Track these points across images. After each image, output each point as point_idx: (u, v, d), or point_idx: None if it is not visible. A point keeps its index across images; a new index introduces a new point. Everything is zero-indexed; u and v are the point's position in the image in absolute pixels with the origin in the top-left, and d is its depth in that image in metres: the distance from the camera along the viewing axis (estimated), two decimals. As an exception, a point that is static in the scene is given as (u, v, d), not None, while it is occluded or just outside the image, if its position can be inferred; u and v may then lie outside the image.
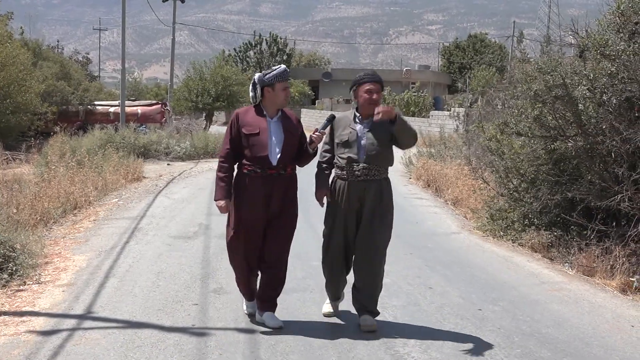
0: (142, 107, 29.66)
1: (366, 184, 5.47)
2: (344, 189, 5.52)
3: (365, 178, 5.47)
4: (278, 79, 5.45)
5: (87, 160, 14.34)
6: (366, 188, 5.47)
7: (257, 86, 5.46)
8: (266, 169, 5.40)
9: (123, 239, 8.87)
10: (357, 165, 5.47)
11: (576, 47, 8.88)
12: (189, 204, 12.20)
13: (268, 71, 5.52)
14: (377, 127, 5.48)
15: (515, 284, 7.24)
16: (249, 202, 5.42)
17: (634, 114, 7.51)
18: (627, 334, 5.70)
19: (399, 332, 5.46)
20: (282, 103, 5.53)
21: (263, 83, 5.44)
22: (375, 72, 5.77)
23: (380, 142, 5.49)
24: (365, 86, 5.54)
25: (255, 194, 5.41)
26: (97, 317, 5.69)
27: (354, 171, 5.47)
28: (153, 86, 69.50)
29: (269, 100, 5.48)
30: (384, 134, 5.49)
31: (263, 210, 5.43)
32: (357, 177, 5.47)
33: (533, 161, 8.96)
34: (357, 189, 5.48)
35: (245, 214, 5.45)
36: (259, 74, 5.53)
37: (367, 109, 5.52)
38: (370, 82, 5.56)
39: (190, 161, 21.45)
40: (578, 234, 8.24)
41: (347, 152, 5.51)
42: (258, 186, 5.40)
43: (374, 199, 5.47)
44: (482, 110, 15.79)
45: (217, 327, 5.49)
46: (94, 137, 20.19)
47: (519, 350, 5.19)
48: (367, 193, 5.47)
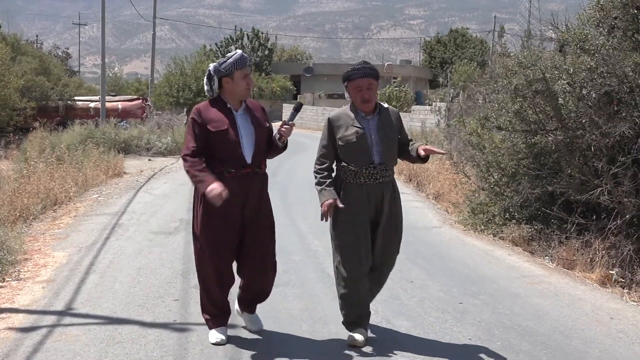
0: (123, 102, 29.47)
1: (384, 186, 5.04)
2: (365, 193, 4.99)
3: (384, 180, 5.02)
4: (236, 67, 4.83)
5: (67, 156, 14.24)
6: (384, 191, 5.04)
7: (214, 78, 4.86)
8: (241, 168, 4.86)
9: (103, 234, 8.82)
10: (373, 166, 4.96)
11: (556, 42, 8.95)
12: (170, 199, 12.16)
13: (223, 59, 4.90)
14: (384, 123, 5.05)
15: (495, 277, 7.29)
16: (223, 206, 4.73)
17: (613, 108, 7.56)
18: (606, 326, 5.75)
19: (379, 326, 5.48)
20: (244, 93, 4.96)
21: (220, 73, 4.85)
22: (366, 63, 5.10)
23: (391, 140, 5.06)
24: (355, 82, 4.97)
25: (233, 195, 4.76)
26: (77, 314, 5.66)
27: (372, 173, 4.96)
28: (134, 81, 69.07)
29: (229, 92, 4.90)
30: (392, 130, 5.08)
31: (239, 214, 4.91)
32: (375, 180, 4.98)
33: (514, 155, 9.01)
34: (377, 192, 5.01)
35: (218, 221, 4.85)
36: (213, 64, 4.93)
37: (363, 107, 5.02)
38: (360, 77, 4.95)
39: (171, 157, 21.35)
40: (558, 227, 8.30)
41: (358, 153, 4.96)
42: (234, 188, 4.77)
43: (389, 202, 5.07)
44: (463, 104, 15.87)
45: (199, 322, 5.46)
46: (74, 133, 20.09)
47: (499, 343, 5.23)
48: (385, 196, 5.04)
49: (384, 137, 5.01)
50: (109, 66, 75.67)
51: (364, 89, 4.96)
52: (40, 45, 56.48)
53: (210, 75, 4.88)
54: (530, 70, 8.06)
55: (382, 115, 5.08)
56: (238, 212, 4.90)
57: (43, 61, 30.65)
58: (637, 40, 7.38)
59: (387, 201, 5.05)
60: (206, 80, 4.93)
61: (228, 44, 62.39)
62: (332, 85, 53.96)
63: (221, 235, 4.91)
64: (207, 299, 5.10)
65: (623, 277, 7.09)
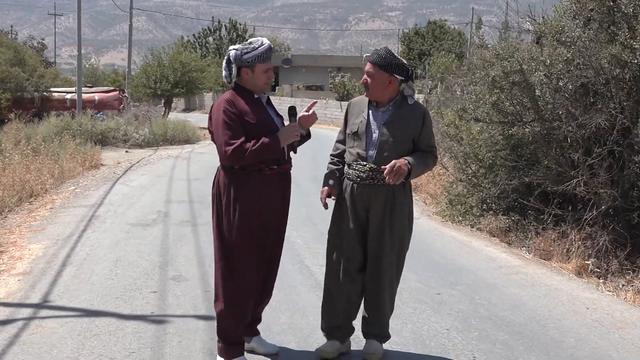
0: (100, 93, 29.18)
1: (373, 190, 4.47)
2: (350, 192, 4.57)
3: (372, 182, 4.45)
4: (260, 59, 4.36)
5: (43, 148, 14.11)
6: (373, 195, 4.47)
7: (233, 65, 4.37)
8: (282, 164, 4.44)
9: (80, 227, 8.76)
10: (363, 165, 4.48)
11: (533, 34, 9.00)
12: (148, 191, 12.09)
13: (247, 48, 4.37)
14: (397, 119, 4.48)
15: (473, 268, 7.33)
16: (265, 206, 4.36)
17: (589, 100, 7.62)
18: (582, 316, 5.81)
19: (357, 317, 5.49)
20: (263, 88, 4.49)
21: (240, 63, 4.35)
22: (384, 51, 4.53)
23: (399, 140, 4.45)
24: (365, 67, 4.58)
25: (272, 195, 4.40)
26: (53, 306, 5.62)
27: (360, 172, 4.49)
28: (111, 72, 68.64)
29: (248, 83, 4.42)
30: (406, 131, 4.47)
31: (278, 215, 4.51)
32: (362, 180, 4.48)
33: (491, 147, 9.06)
34: (362, 195, 4.51)
35: (258, 222, 4.35)
36: (235, 50, 4.38)
37: (367, 94, 4.62)
38: (368, 62, 4.53)
39: (149, 148, 21.24)
40: (535, 218, 8.37)
41: (356, 146, 4.56)
42: (276, 186, 4.41)
43: (382, 210, 4.47)
44: (441, 96, 15.92)
45: (176, 314, 5.46)
46: (50, 124, 19.93)
47: (476, 333, 5.26)
48: (373, 202, 4.48)
49: (390, 135, 4.46)
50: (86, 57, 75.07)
51: (364, 74, 4.56)
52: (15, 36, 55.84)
53: (230, 62, 4.38)
54: (508, 62, 8.11)
55: (400, 110, 4.51)
56: (275, 214, 4.48)
57: (18, 52, 30.26)
58: (613, 32, 7.43)
59: (378, 209, 4.48)
60: (225, 65, 4.43)
61: (206, 35, 62.25)
62: (311, 76, 53.94)
63: (260, 238, 4.41)
64: (234, 319, 4.41)
65: (599, 267, 7.17)
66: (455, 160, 10.32)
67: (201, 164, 16.59)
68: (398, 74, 4.43)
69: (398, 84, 4.49)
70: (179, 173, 14.79)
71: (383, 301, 4.61)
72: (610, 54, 7.19)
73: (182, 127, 24.63)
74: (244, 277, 4.37)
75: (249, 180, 4.32)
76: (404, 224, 4.57)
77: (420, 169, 4.50)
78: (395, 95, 4.53)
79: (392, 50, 4.56)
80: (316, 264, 7.17)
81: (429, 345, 4.90)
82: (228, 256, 4.37)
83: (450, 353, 4.85)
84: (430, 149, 4.59)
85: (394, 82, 4.46)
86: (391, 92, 4.50)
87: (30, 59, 31.03)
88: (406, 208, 4.57)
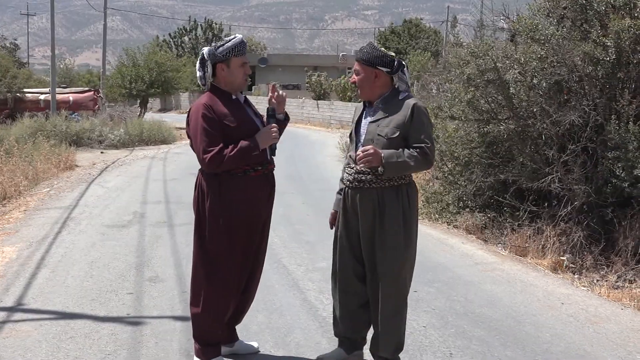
0: (74, 94, 28.93)
1: (360, 192, 4.24)
2: (343, 197, 4.40)
3: (357, 185, 4.24)
4: (235, 52, 4.24)
5: (16, 150, 14.00)
6: (360, 199, 4.25)
7: (207, 63, 4.23)
8: (266, 165, 4.35)
9: (55, 229, 8.69)
10: (352, 167, 4.29)
11: (508, 32, 9.07)
12: (123, 192, 12.01)
13: (220, 43, 4.29)
14: (384, 117, 4.23)
15: (449, 265, 7.37)
16: (250, 208, 4.28)
17: (563, 97, 7.69)
18: (557, 311, 5.86)
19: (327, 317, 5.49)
20: (241, 83, 4.35)
21: (215, 58, 4.22)
22: (367, 46, 4.41)
23: (385, 137, 4.16)
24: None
25: (257, 197, 4.33)
26: (28, 309, 5.57)
27: (349, 175, 4.30)
28: (85, 73, 68.12)
29: (225, 81, 4.29)
30: (393, 127, 4.17)
31: (262, 217, 4.44)
32: (351, 183, 4.28)
33: (467, 144, 9.11)
34: (353, 199, 4.30)
35: (243, 224, 4.27)
36: (208, 47, 4.29)
37: (359, 95, 4.46)
38: (355, 61, 4.40)
39: (124, 149, 21.10)
40: (511, 215, 8.43)
41: (350, 149, 4.42)
42: (261, 188, 4.34)
43: (371, 214, 4.21)
44: (417, 94, 15.96)
45: (153, 315, 5.44)
46: (24, 126, 19.73)
47: (452, 329, 5.29)
48: (361, 205, 4.25)
49: (375, 133, 4.22)
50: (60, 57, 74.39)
51: (354, 72, 4.39)
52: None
53: (204, 60, 4.25)
54: (482, 60, 8.15)
55: (387, 106, 4.28)
56: (260, 216, 4.40)
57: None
58: (586, 29, 7.51)
59: (367, 213, 4.24)
60: (199, 66, 4.29)
61: (181, 35, 61.96)
62: (287, 75, 53.84)
63: (245, 241, 4.33)
64: (212, 323, 4.35)
65: (573, 262, 7.24)
66: (431, 158, 10.36)
67: (177, 164, 16.53)
68: (382, 66, 4.23)
69: (387, 77, 4.29)
70: (155, 174, 14.72)
71: (386, 314, 4.26)
72: (583, 51, 7.26)
73: (158, 127, 24.49)
74: (225, 282, 4.30)
75: (233, 183, 4.21)
76: (398, 230, 4.18)
77: (395, 164, 4.06)
78: (386, 91, 4.32)
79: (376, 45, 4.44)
80: (293, 263, 7.17)
81: (406, 343, 4.90)
82: (210, 261, 4.28)
83: (427, 350, 4.88)
84: (419, 144, 4.13)
85: (380, 75, 4.26)
86: (381, 88, 4.31)
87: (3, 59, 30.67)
88: (399, 213, 4.18)
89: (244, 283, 4.50)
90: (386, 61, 4.26)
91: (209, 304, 4.30)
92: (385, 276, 4.22)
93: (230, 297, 4.38)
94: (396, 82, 4.33)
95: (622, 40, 7.02)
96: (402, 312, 4.34)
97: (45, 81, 40.26)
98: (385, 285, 4.23)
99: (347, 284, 4.43)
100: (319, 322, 5.35)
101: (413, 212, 4.28)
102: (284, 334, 5.12)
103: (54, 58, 26.54)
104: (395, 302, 4.27)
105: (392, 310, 4.27)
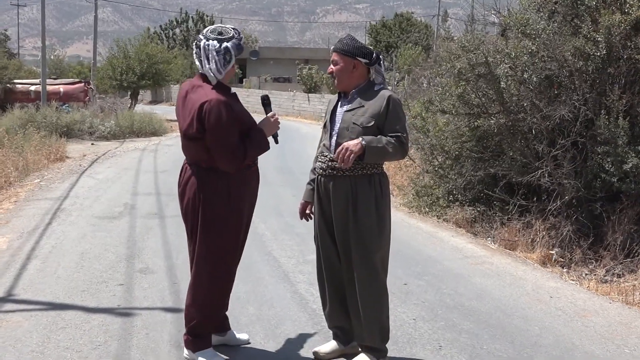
0: (65, 85, 28.80)
1: (333, 181, 4.26)
2: (317, 186, 4.41)
3: (331, 173, 4.25)
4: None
5: (6, 140, 13.95)
6: (333, 187, 4.25)
7: (232, 57, 4.18)
8: (257, 161, 4.43)
9: (45, 220, 8.66)
10: (325, 156, 4.31)
11: (499, 26, 9.09)
12: (114, 183, 11.98)
13: (231, 34, 4.21)
14: (359, 106, 4.23)
15: (439, 258, 7.39)
16: (249, 204, 4.37)
17: (553, 92, 7.71)
18: (546, 304, 5.88)
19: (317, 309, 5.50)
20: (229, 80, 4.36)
21: (240, 51, 4.22)
22: (347, 38, 4.39)
23: (360, 126, 4.16)
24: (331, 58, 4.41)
25: (255, 189, 4.42)
26: (18, 300, 5.55)
27: (322, 164, 4.33)
28: (76, 64, 67.83)
29: (227, 75, 4.26)
30: (368, 117, 4.18)
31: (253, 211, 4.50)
32: (324, 171, 4.30)
33: (457, 138, 9.12)
34: (326, 187, 4.31)
35: (242, 221, 4.34)
36: (231, 41, 4.17)
37: (336, 85, 4.42)
38: (333, 52, 4.35)
39: (115, 141, 21.05)
40: (500, 209, 8.45)
41: (323, 138, 4.43)
42: (255, 183, 4.39)
43: (345, 202, 4.21)
44: (408, 88, 15.99)
45: (143, 306, 5.43)
46: (14, 117, 19.65)
47: (442, 322, 5.31)
48: (334, 194, 4.25)
49: (350, 121, 4.22)
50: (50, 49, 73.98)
51: (332, 62, 4.35)
52: (-23, 27, 54.91)
53: (230, 54, 4.16)
54: (473, 54, 8.16)
55: (363, 96, 4.27)
56: (252, 210, 4.48)
57: (-20, 43, 29.78)
58: (577, 25, 7.52)
59: (340, 201, 4.24)
60: (219, 59, 4.16)
61: (173, 27, 61.78)
62: (278, 68, 53.82)
63: (241, 236, 4.38)
64: (210, 314, 4.38)
65: (562, 256, 7.27)
66: (421, 152, 10.37)
67: (168, 156, 16.49)
68: (361, 57, 4.23)
69: (364, 69, 4.29)
70: (146, 165, 14.69)
71: (365, 300, 4.24)
72: (573, 46, 7.27)
73: (149, 119, 24.43)
74: (229, 277, 4.36)
75: (240, 179, 4.22)
76: (371, 217, 4.17)
77: (376, 148, 4.06)
78: (362, 82, 4.31)
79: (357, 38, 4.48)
80: (284, 255, 7.18)
81: (396, 335, 4.93)
82: (217, 259, 4.26)
83: (417, 342, 4.88)
84: (395, 134, 4.14)
85: (359, 66, 4.26)
86: (358, 79, 4.30)
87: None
88: (371, 200, 4.19)
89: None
90: (365, 52, 4.28)
91: (210, 299, 4.32)
92: (359, 261, 4.22)
93: (228, 293, 4.45)
94: (372, 75, 4.35)
95: (612, 36, 7.03)
96: (382, 299, 4.32)
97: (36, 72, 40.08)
98: (359, 271, 4.22)
99: (332, 271, 4.42)
100: (309, 314, 5.36)
101: (385, 200, 4.29)
102: (275, 325, 5.12)
103: (45, 49, 26.40)
104: (372, 288, 4.25)
105: (370, 296, 4.26)
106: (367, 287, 4.24)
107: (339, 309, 4.47)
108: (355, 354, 4.45)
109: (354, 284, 4.27)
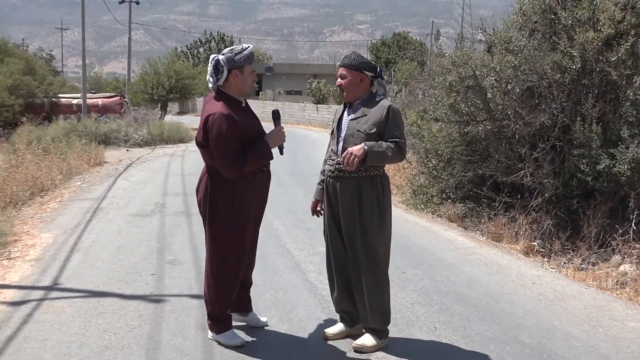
0: (103, 99, 28.88)
1: (340, 181, 4.27)
2: (325, 186, 4.43)
3: (338, 175, 4.27)
4: (248, 61, 4.16)
5: (52, 148, 13.98)
6: (340, 187, 4.26)
7: (224, 68, 4.10)
8: (268, 165, 4.35)
9: (86, 217, 8.67)
10: (333, 160, 4.33)
11: (485, 43, 9.02)
12: (146, 185, 11.99)
13: (236, 50, 4.15)
14: (363, 114, 4.25)
15: (434, 249, 7.36)
16: (259, 203, 4.34)
17: (534, 101, 7.67)
18: (529, 290, 5.85)
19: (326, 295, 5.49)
20: (249, 89, 4.27)
21: (233, 64, 4.10)
22: (353, 54, 4.42)
23: (363, 132, 4.17)
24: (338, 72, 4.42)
25: (263, 193, 4.36)
26: (63, 288, 5.56)
27: (330, 167, 4.35)
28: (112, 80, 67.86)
29: (235, 87, 4.16)
30: (370, 124, 4.19)
31: (263, 209, 4.48)
32: (332, 173, 4.32)
33: (449, 143, 9.08)
34: (334, 187, 4.32)
35: (249, 220, 4.27)
36: (223, 55, 4.14)
37: (343, 97, 4.41)
38: (341, 67, 4.36)
39: (147, 147, 21.06)
40: (488, 205, 8.41)
41: (331, 143, 4.42)
42: (264, 185, 4.33)
43: (350, 200, 4.22)
44: (405, 99, 15.96)
45: (172, 294, 5.43)
46: (59, 127, 19.69)
47: (437, 306, 5.29)
48: (341, 193, 4.26)
49: (355, 128, 4.23)
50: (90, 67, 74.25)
51: (339, 76, 4.37)
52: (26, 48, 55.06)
53: (219, 65, 4.11)
54: (463, 69, 8.13)
55: (366, 105, 4.28)
56: (262, 210, 4.46)
57: (29, 62, 29.79)
58: (554, 41, 7.48)
59: (346, 199, 4.24)
60: (212, 71, 4.14)
61: (197, 46, 61.87)
62: (290, 82, 53.78)
63: (250, 234, 4.34)
64: (224, 306, 4.36)
65: (543, 247, 7.24)
66: (417, 155, 10.34)
67: (194, 160, 16.47)
68: (367, 70, 4.28)
69: (368, 82, 4.32)
70: (174, 169, 14.70)
71: (369, 287, 4.25)
72: (552, 60, 7.24)
73: (177, 128, 24.45)
74: (235, 275, 4.32)
75: (245, 186, 4.15)
76: (373, 214, 4.19)
77: (377, 153, 4.07)
78: (365, 94, 4.33)
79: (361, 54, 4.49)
80: (296, 247, 7.17)
81: (396, 318, 4.91)
82: (222, 258, 4.24)
83: (414, 324, 4.87)
84: (394, 140, 4.15)
85: (365, 79, 4.29)
86: (362, 91, 4.32)
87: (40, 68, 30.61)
88: (373, 199, 4.20)
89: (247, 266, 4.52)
90: (371, 67, 4.32)
91: (219, 292, 4.31)
92: (364, 253, 4.23)
93: (237, 286, 4.39)
94: (375, 87, 4.38)
95: (586, 51, 7.00)
96: (384, 287, 4.33)
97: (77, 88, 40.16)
98: (364, 262, 4.23)
99: (340, 261, 4.41)
100: (318, 300, 5.35)
101: (386, 199, 4.30)
102: (289, 310, 5.11)
103: (85, 67, 26.49)
104: (375, 276, 4.26)
105: (374, 283, 4.26)
106: (371, 275, 4.26)
107: (345, 295, 4.47)
108: (360, 334, 4.46)
109: (359, 273, 4.28)
